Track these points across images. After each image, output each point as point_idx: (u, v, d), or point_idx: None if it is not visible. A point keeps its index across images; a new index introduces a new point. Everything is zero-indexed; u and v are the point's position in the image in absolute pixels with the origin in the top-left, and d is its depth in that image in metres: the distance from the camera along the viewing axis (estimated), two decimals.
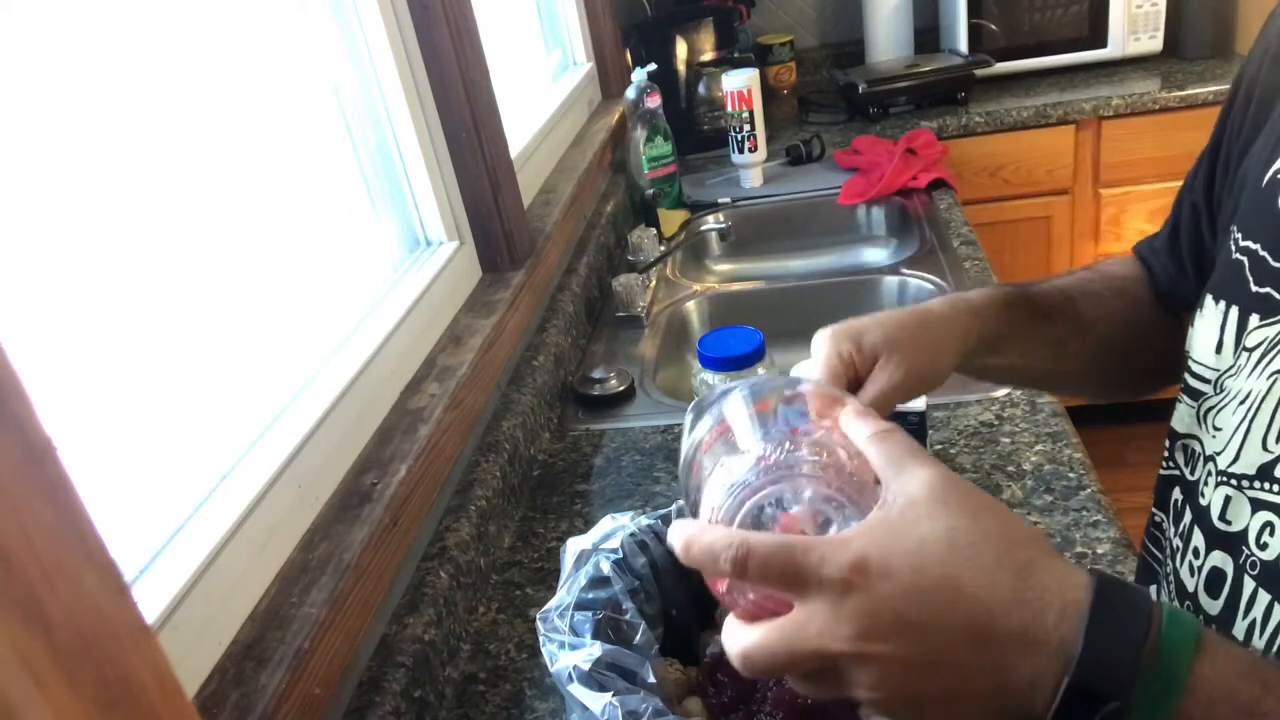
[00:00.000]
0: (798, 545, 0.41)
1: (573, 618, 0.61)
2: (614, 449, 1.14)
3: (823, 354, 0.60)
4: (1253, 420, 0.53)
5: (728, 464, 0.48)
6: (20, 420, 0.26)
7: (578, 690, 0.56)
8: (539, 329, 1.30)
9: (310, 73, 0.96)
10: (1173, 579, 0.62)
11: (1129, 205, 2.15)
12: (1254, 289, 0.55)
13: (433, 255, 1.13)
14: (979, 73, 2.18)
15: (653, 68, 1.81)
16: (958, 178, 1.89)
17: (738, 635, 0.43)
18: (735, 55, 2.20)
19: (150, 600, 0.60)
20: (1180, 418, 0.63)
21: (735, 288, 1.66)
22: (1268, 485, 0.51)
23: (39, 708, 0.25)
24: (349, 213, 1.02)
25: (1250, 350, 0.54)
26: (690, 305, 1.56)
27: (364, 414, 0.89)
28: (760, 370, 0.96)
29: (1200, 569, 0.57)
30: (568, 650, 0.59)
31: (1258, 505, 0.52)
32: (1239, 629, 0.52)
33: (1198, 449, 0.60)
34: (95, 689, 0.27)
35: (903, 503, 0.43)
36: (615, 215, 1.78)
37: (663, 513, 0.70)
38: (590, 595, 0.63)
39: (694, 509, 0.51)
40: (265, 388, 0.80)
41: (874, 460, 0.46)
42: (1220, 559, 0.55)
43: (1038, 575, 0.40)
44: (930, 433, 1.00)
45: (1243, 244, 0.56)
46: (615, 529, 0.68)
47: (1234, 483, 0.54)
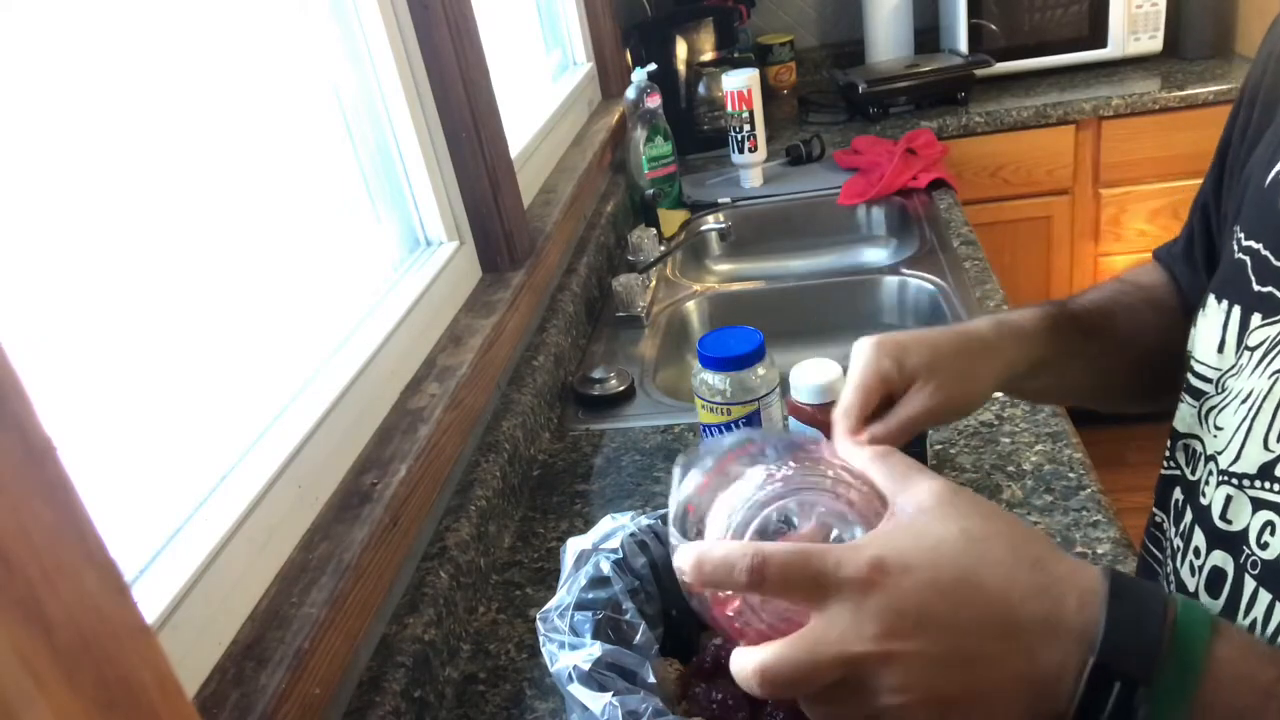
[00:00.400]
0: (814, 550, 0.41)
1: (573, 618, 0.61)
2: (614, 449, 1.14)
3: (860, 365, 0.59)
4: (1254, 419, 0.53)
5: (731, 490, 0.48)
6: (20, 420, 0.26)
7: (578, 690, 0.56)
8: (539, 329, 1.30)
9: (310, 73, 0.96)
10: (1173, 579, 0.62)
11: (1129, 205, 2.15)
12: (1256, 288, 0.55)
13: (433, 255, 1.13)
14: (979, 73, 2.18)
15: (653, 68, 1.81)
16: (958, 178, 1.89)
17: (753, 653, 0.42)
18: (735, 55, 2.20)
19: (150, 600, 0.60)
20: (1181, 417, 0.63)
21: (735, 288, 1.66)
22: (1269, 484, 0.51)
23: (39, 708, 0.25)
24: (349, 213, 1.02)
25: (1252, 350, 0.54)
26: (690, 305, 1.56)
27: (364, 414, 0.89)
28: (760, 370, 0.96)
29: (1201, 569, 0.57)
30: (568, 650, 0.59)
31: (1259, 505, 0.52)
32: None
33: (1199, 449, 0.60)
34: (95, 689, 0.27)
35: (912, 510, 0.43)
36: (615, 215, 1.78)
37: (662, 513, 0.70)
38: (590, 595, 0.63)
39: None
40: (265, 388, 0.80)
41: (877, 477, 0.46)
42: (1221, 558, 0.55)
43: (1052, 567, 0.41)
44: (930, 433, 1.00)
45: (1245, 243, 0.57)
46: (615, 529, 0.68)
47: (1235, 482, 0.54)
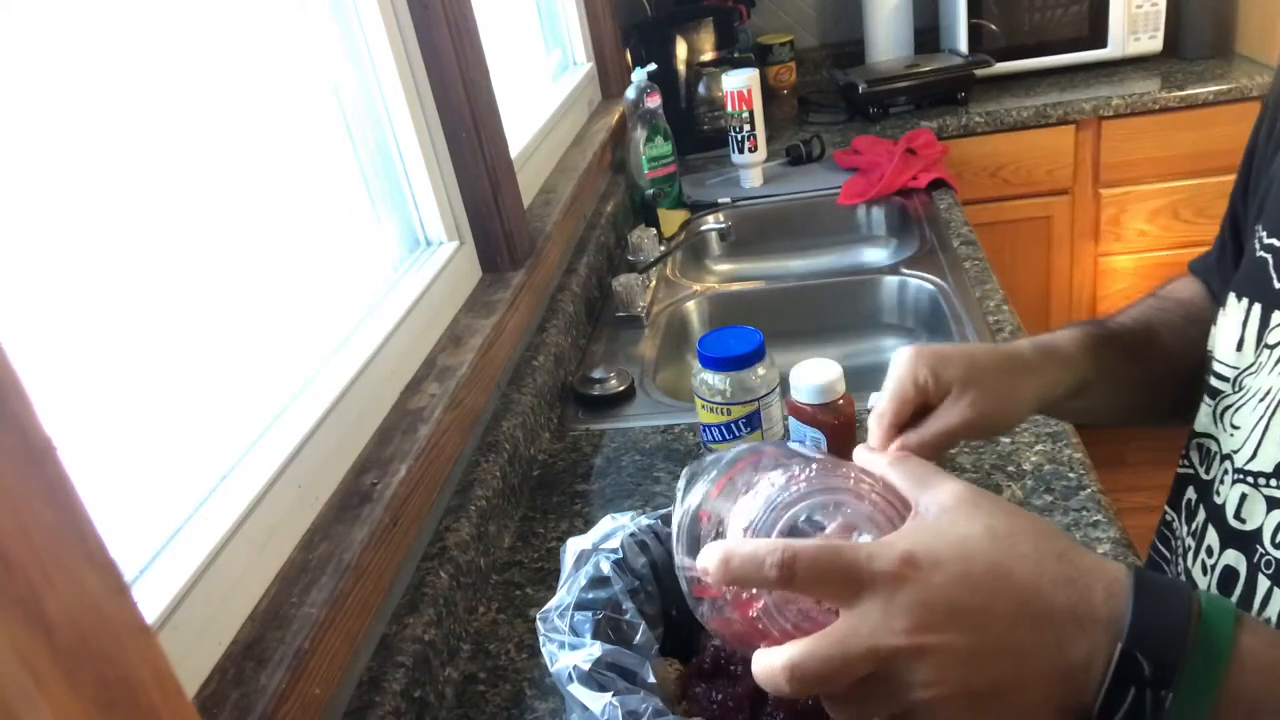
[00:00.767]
0: (845, 545, 0.42)
1: (573, 618, 0.61)
2: (614, 449, 1.14)
3: (898, 373, 0.59)
4: (1272, 418, 0.52)
5: (752, 493, 0.48)
6: (20, 420, 0.26)
7: (578, 690, 0.56)
8: (539, 329, 1.30)
9: (310, 73, 0.96)
10: (1183, 578, 0.62)
11: (1129, 205, 2.15)
12: (1276, 286, 0.55)
13: (433, 255, 1.13)
14: (979, 73, 2.18)
15: (653, 68, 1.81)
16: (958, 178, 1.89)
17: (781, 650, 0.42)
18: (735, 55, 2.20)
19: (150, 600, 0.60)
20: (1198, 417, 0.63)
21: (735, 288, 1.66)
22: None
23: (39, 708, 0.25)
24: (349, 213, 1.02)
25: (1271, 348, 0.54)
26: (690, 305, 1.56)
27: (364, 414, 0.89)
28: (760, 370, 0.96)
29: (1213, 567, 0.57)
30: (568, 650, 0.59)
31: (1274, 504, 0.52)
32: None
33: (1214, 447, 0.59)
34: (95, 689, 0.27)
35: (936, 509, 0.43)
36: (615, 215, 1.78)
37: (662, 513, 0.70)
38: (590, 595, 0.63)
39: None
40: (265, 388, 0.80)
41: (898, 481, 0.46)
42: (1233, 557, 0.55)
43: (1077, 559, 0.41)
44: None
45: (1266, 241, 0.56)
46: (615, 529, 0.68)
47: (1250, 480, 0.54)
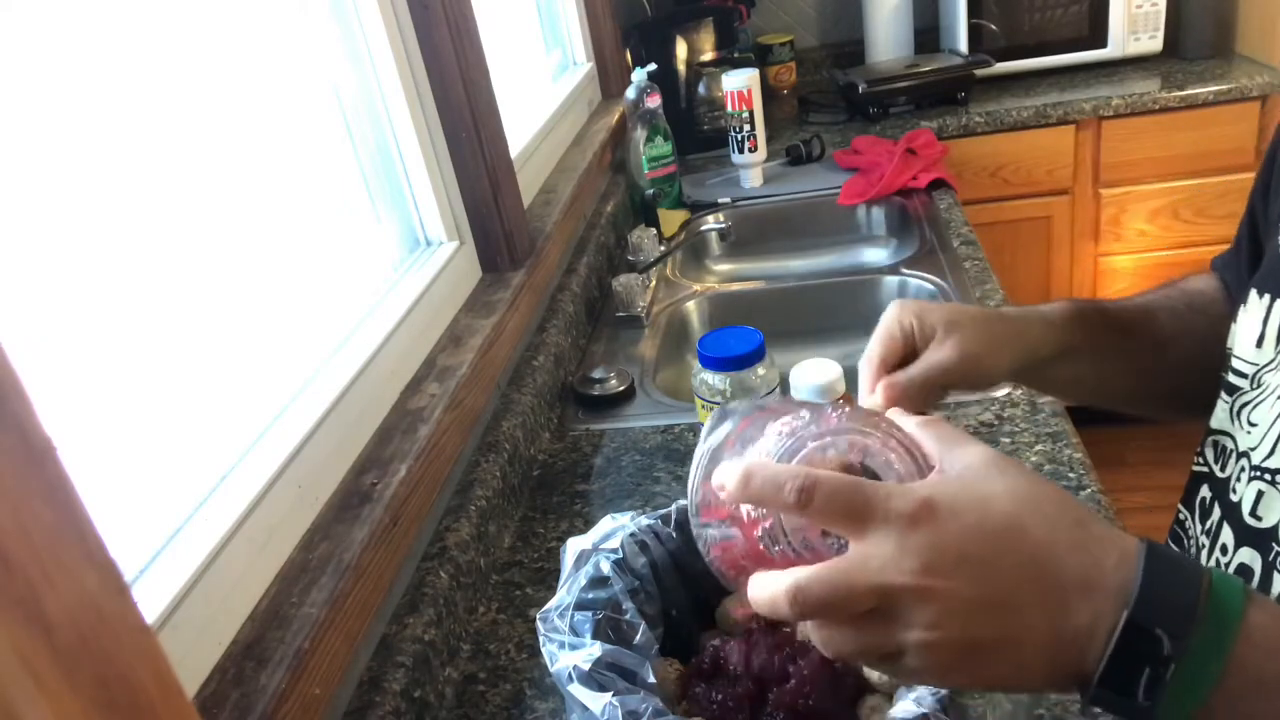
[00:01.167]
0: (865, 482, 0.42)
1: (573, 618, 0.61)
2: (614, 449, 1.14)
3: (885, 320, 0.61)
4: None
5: (781, 422, 0.48)
6: (20, 420, 0.26)
7: (578, 690, 0.56)
8: (539, 329, 1.30)
9: (310, 73, 0.96)
10: None
11: (1129, 205, 2.15)
12: None
13: (433, 255, 1.13)
14: (979, 73, 2.18)
15: (653, 68, 1.81)
16: (958, 178, 1.89)
17: (785, 574, 0.42)
18: (735, 55, 2.20)
19: (150, 600, 0.60)
20: (1215, 414, 0.63)
21: (735, 288, 1.66)
22: None
23: (39, 708, 0.25)
24: (349, 213, 1.02)
25: None
26: (690, 305, 1.56)
27: (364, 414, 0.89)
28: (760, 370, 0.96)
29: (1228, 565, 0.57)
30: (568, 650, 0.59)
31: None
32: None
33: (1230, 445, 0.59)
34: (95, 689, 0.27)
35: (960, 468, 0.44)
36: (615, 215, 1.78)
37: (662, 513, 0.70)
38: (590, 595, 0.63)
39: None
40: (265, 388, 0.80)
41: (925, 442, 0.46)
42: (1249, 555, 0.55)
43: (1094, 527, 0.41)
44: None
45: None
46: (615, 529, 0.68)
47: (1268, 478, 0.54)
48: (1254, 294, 0.59)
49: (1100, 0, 2.16)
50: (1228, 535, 0.57)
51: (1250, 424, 0.57)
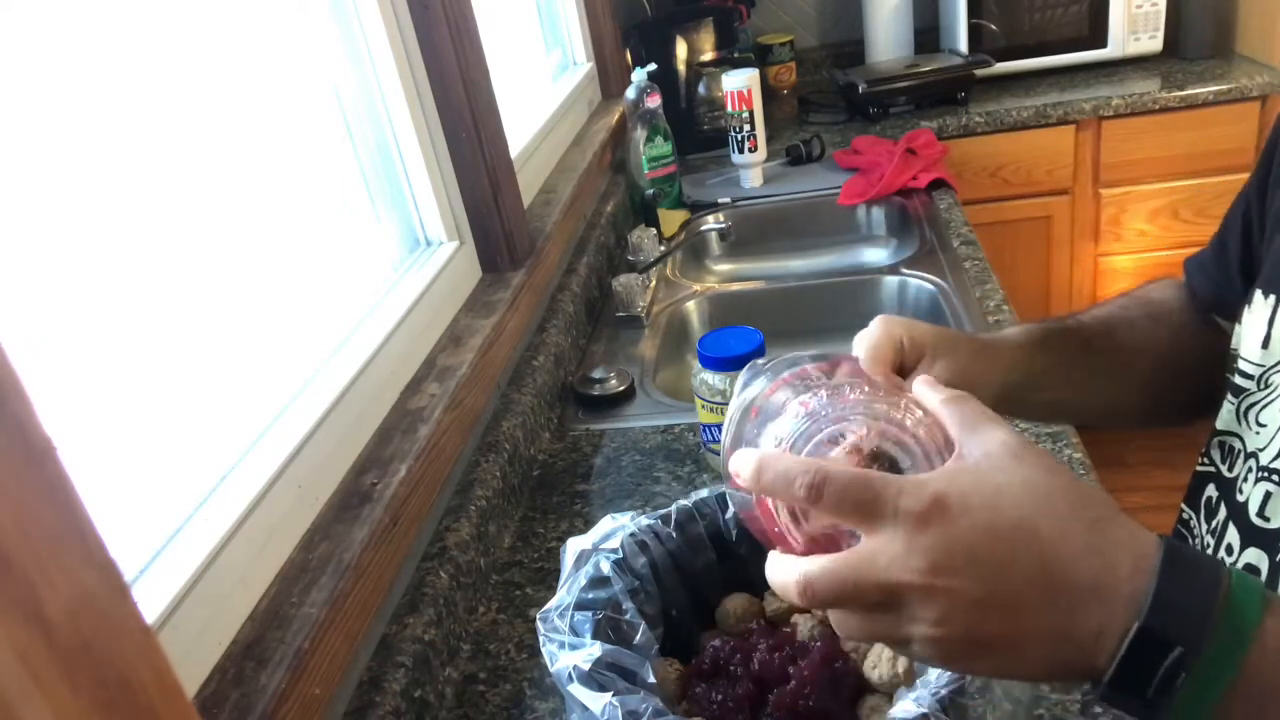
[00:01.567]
0: (876, 477, 0.42)
1: (573, 618, 0.61)
2: (614, 449, 1.14)
3: (874, 332, 0.60)
4: None
5: (801, 399, 0.48)
6: (20, 420, 0.26)
7: (578, 690, 0.56)
8: (539, 329, 1.30)
9: (310, 73, 0.96)
10: None
11: (1129, 205, 2.15)
12: None
13: (433, 255, 1.13)
14: (979, 73, 2.18)
15: (653, 68, 1.81)
16: (958, 178, 1.89)
17: (796, 563, 0.42)
18: (735, 55, 2.20)
19: (150, 600, 0.60)
20: (1221, 415, 0.63)
21: (735, 288, 1.66)
22: None
23: (39, 708, 0.25)
24: (349, 213, 1.02)
25: None
26: (690, 305, 1.56)
27: (364, 414, 0.89)
28: None
29: (1233, 565, 0.57)
30: (568, 650, 0.59)
31: None
32: None
33: (1237, 445, 0.59)
34: (95, 689, 0.27)
35: (979, 454, 0.43)
36: (615, 215, 1.78)
37: (662, 513, 0.70)
38: (590, 595, 0.63)
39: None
40: (265, 388, 0.80)
41: (948, 421, 0.46)
42: (1255, 555, 0.55)
43: (1110, 529, 0.41)
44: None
45: None
46: (615, 529, 0.68)
47: (1276, 479, 0.54)
48: (1259, 295, 0.59)
49: (1100, 0, 2.17)
50: (1233, 535, 0.57)
51: (1259, 424, 0.57)
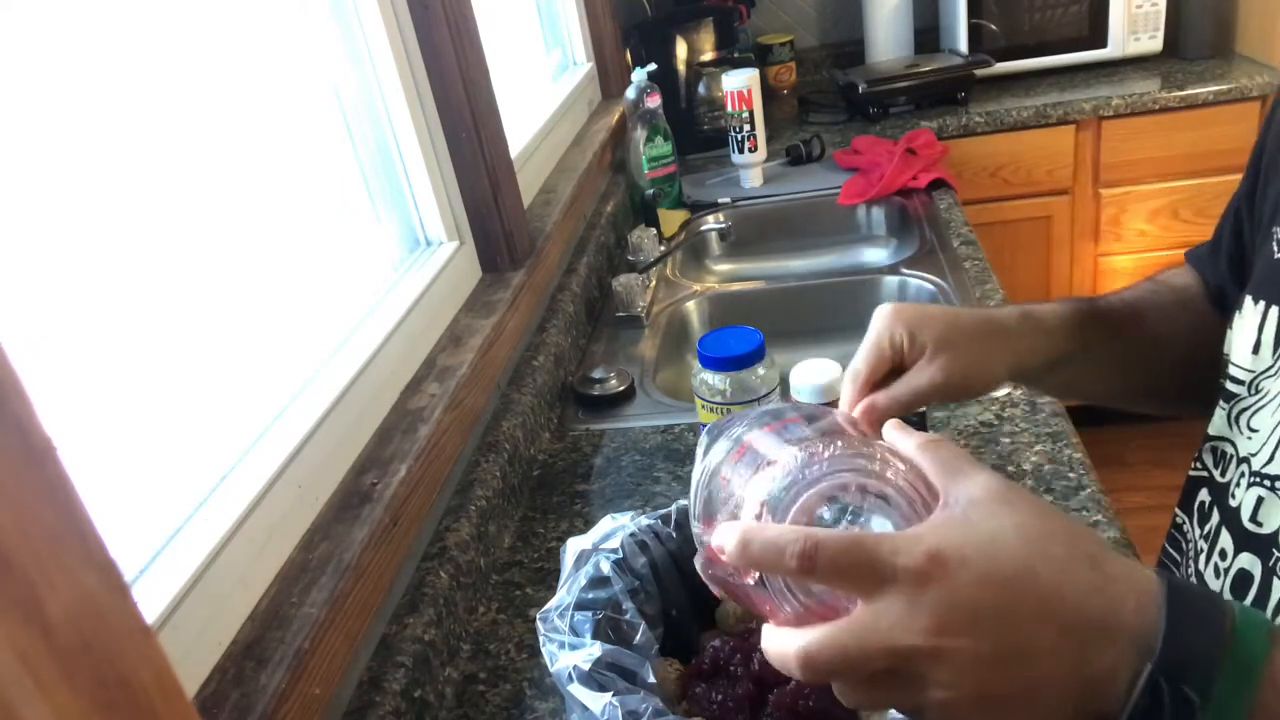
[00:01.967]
0: (869, 539, 0.40)
1: (573, 618, 0.61)
2: (614, 449, 1.14)
3: (874, 332, 0.60)
4: None
5: (774, 465, 0.46)
6: (20, 420, 0.26)
7: (578, 690, 0.56)
8: (539, 329, 1.30)
9: (310, 73, 0.96)
10: (1194, 580, 0.61)
11: (1129, 205, 2.15)
12: None
13: (433, 255, 1.13)
14: (979, 73, 2.18)
15: (653, 68, 1.81)
16: (958, 178, 1.89)
17: (794, 635, 0.41)
18: (735, 55, 2.20)
19: (150, 600, 0.60)
20: (1213, 420, 0.63)
21: (735, 288, 1.66)
22: None
23: (39, 708, 0.25)
24: (349, 213, 1.02)
25: None
26: (690, 305, 1.56)
27: (364, 414, 0.89)
28: (760, 370, 0.96)
29: (1227, 570, 0.57)
30: (568, 650, 0.59)
31: None
32: None
33: (1230, 451, 0.59)
34: (95, 689, 0.27)
35: (965, 502, 0.42)
36: (615, 215, 1.78)
37: (662, 513, 0.70)
38: (590, 595, 0.63)
39: (725, 517, 0.49)
40: (265, 388, 0.80)
41: (927, 467, 0.45)
42: (1248, 561, 0.55)
43: (1108, 567, 0.40)
44: (930, 432, 1.00)
45: None
46: (615, 529, 0.68)
47: (1268, 484, 0.54)
48: (1249, 301, 0.59)
49: (1100, 0, 2.17)
50: (1227, 540, 0.57)
51: (1251, 430, 0.57)
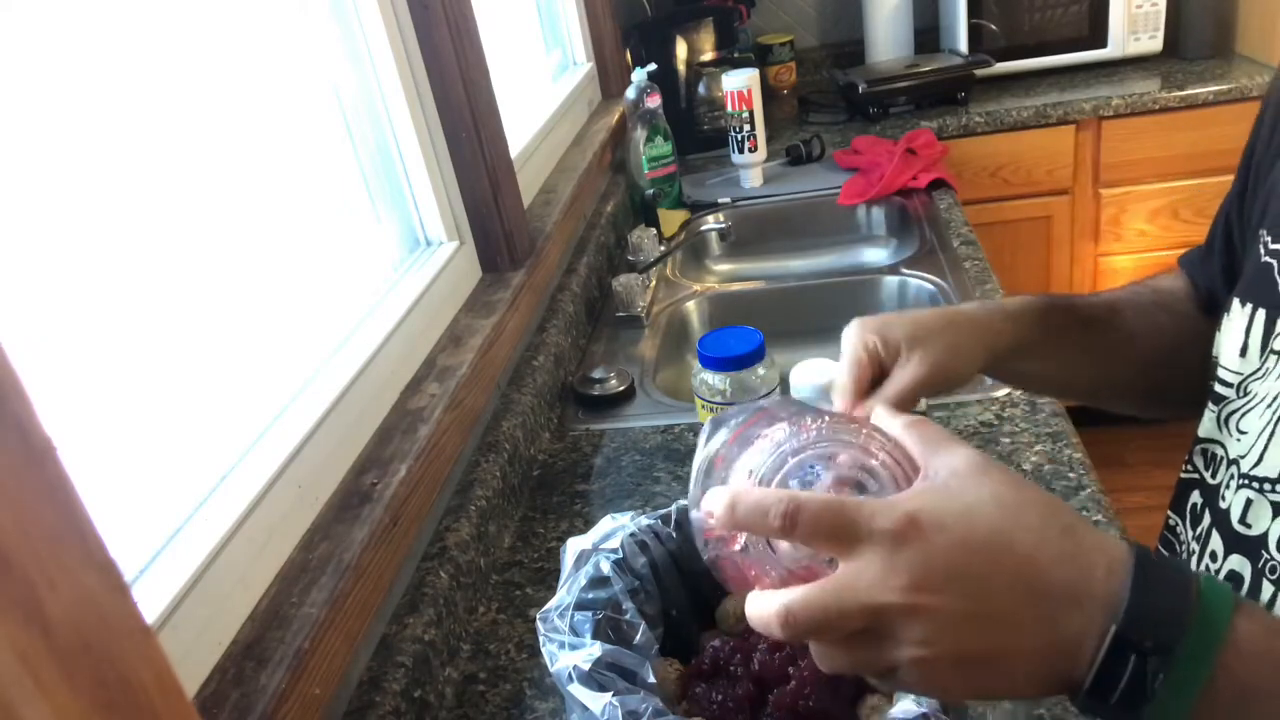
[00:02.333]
0: (849, 501, 0.42)
1: (573, 618, 0.61)
2: (614, 449, 1.14)
3: (849, 345, 0.61)
4: (1277, 423, 0.53)
5: (763, 438, 0.48)
6: (20, 420, 0.26)
7: (578, 690, 0.56)
8: (539, 329, 1.30)
9: (310, 73, 0.96)
10: None
11: (1129, 205, 2.15)
12: None
13: (433, 255, 1.13)
14: (979, 73, 2.18)
15: (653, 68, 1.81)
16: (958, 178, 1.89)
17: (775, 595, 0.42)
18: (735, 55, 2.20)
19: (150, 600, 0.60)
20: (1203, 422, 0.63)
21: (735, 288, 1.66)
22: None
23: (39, 708, 0.25)
24: (349, 213, 1.02)
25: (1278, 353, 0.54)
26: (690, 305, 1.56)
27: (364, 414, 0.89)
28: (760, 370, 0.96)
29: (1218, 572, 0.57)
30: (568, 650, 0.59)
31: (1279, 509, 0.52)
32: None
33: (1220, 453, 0.59)
34: (95, 689, 0.27)
35: (946, 474, 0.43)
36: (615, 215, 1.78)
37: (662, 513, 0.70)
38: (590, 595, 0.63)
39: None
40: (265, 388, 0.80)
41: (911, 444, 0.46)
42: (1238, 562, 0.55)
43: (1082, 535, 0.41)
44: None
45: (1272, 247, 0.56)
46: (615, 529, 0.68)
47: (1256, 486, 0.54)
48: (1237, 303, 0.59)
49: (1100, 0, 2.17)
50: (1217, 542, 0.57)
51: (1240, 432, 0.57)
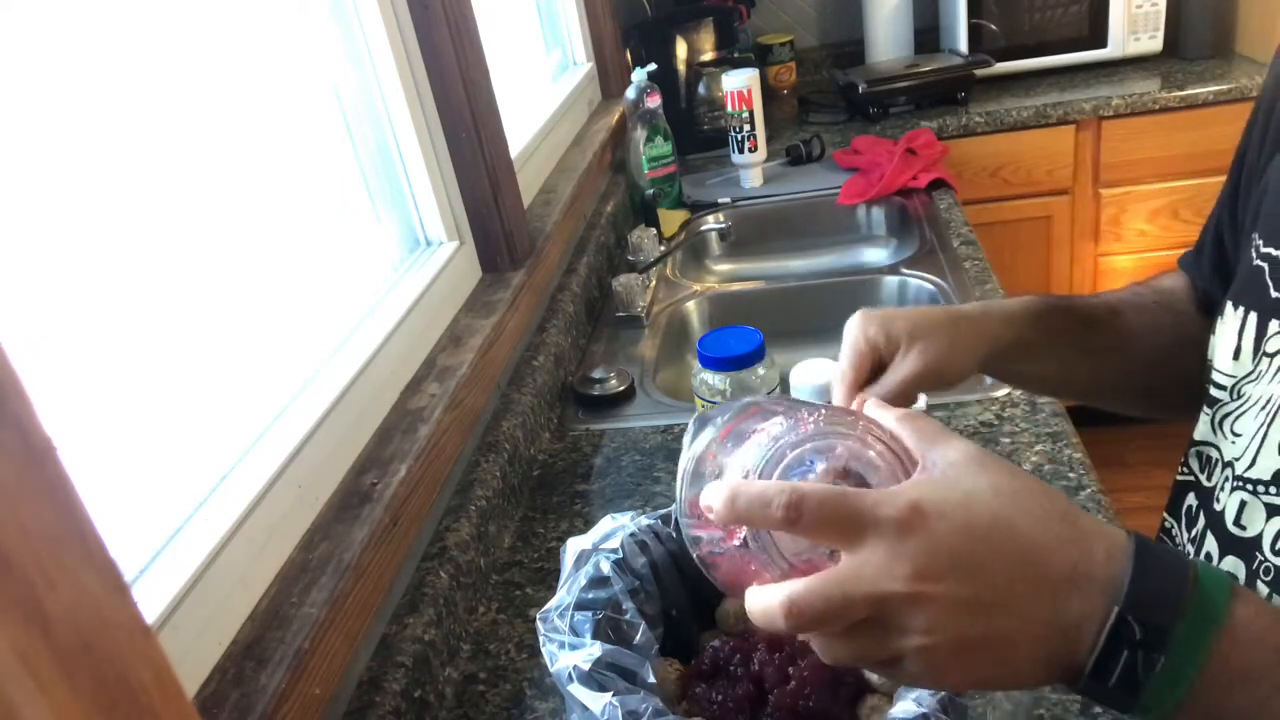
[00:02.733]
0: (851, 492, 0.42)
1: (573, 618, 0.61)
2: (614, 449, 1.14)
3: (849, 336, 0.62)
4: (1271, 425, 0.53)
5: (759, 433, 0.48)
6: (20, 420, 0.26)
7: (578, 690, 0.56)
8: (539, 329, 1.30)
9: (310, 73, 0.96)
10: None
11: (1129, 205, 2.15)
12: (1274, 294, 0.55)
13: (433, 255, 1.13)
14: (979, 73, 2.18)
15: (653, 68, 1.81)
16: (958, 178, 1.89)
17: (779, 587, 0.42)
18: (735, 55, 2.20)
19: (150, 600, 0.60)
20: (1199, 425, 0.63)
21: (735, 288, 1.66)
22: None
23: (39, 708, 0.25)
24: (349, 213, 1.02)
25: (1271, 356, 0.54)
26: (690, 305, 1.56)
27: (364, 414, 0.89)
28: (760, 370, 0.96)
29: None
30: (568, 650, 0.59)
31: (1273, 511, 0.52)
32: None
33: (1214, 455, 0.60)
34: (95, 689, 0.27)
35: (943, 465, 0.44)
36: (615, 215, 1.78)
37: (662, 513, 0.70)
38: (590, 595, 0.63)
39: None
40: (265, 388, 0.80)
41: (907, 437, 0.46)
42: (1232, 564, 0.55)
43: (1081, 521, 0.42)
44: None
45: (1264, 250, 0.56)
46: (615, 529, 0.68)
47: (1250, 488, 0.54)
48: (1230, 307, 0.59)
49: (1100, 0, 2.17)
50: (1212, 544, 0.58)
51: (1234, 434, 0.57)
